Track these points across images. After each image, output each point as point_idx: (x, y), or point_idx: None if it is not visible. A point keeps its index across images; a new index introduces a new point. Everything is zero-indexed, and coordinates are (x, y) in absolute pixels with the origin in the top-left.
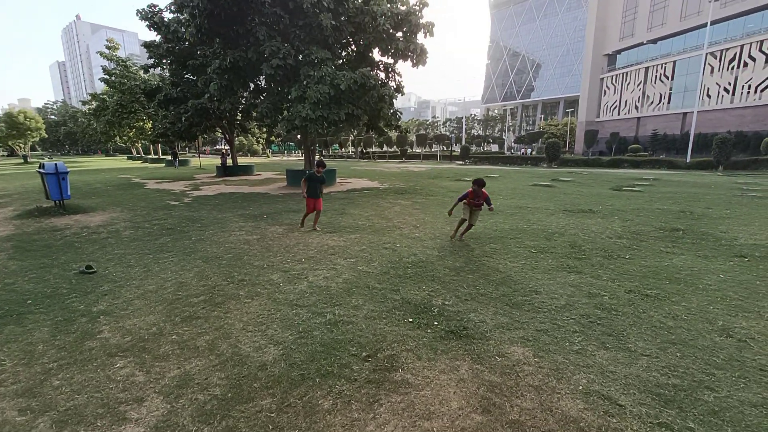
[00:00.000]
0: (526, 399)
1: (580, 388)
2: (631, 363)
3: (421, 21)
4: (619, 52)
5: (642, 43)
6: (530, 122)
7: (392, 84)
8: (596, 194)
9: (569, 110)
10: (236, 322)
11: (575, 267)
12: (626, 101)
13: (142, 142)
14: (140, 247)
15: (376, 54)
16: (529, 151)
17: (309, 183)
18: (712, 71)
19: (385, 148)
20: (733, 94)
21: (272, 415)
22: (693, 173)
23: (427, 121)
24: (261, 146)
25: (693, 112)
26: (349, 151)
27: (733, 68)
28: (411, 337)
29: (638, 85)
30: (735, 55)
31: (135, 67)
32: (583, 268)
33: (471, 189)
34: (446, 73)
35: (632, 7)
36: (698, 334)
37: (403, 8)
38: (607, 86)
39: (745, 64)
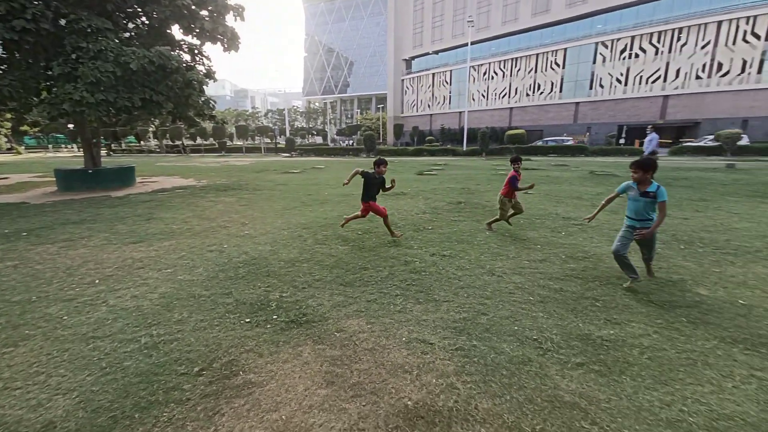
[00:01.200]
0: (363, 362)
1: (404, 339)
2: (436, 310)
3: (229, 2)
4: (413, 58)
5: (429, 53)
6: (349, 116)
7: (201, 68)
8: (405, 179)
9: (380, 106)
10: None
11: (393, 241)
12: (422, 100)
13: None
14: None
15: (176, 32)
16: (351, 142)
17: (365, 184)
18: (474, 80)
19: (199, 141)
20: (488, 99)
21: None
22: (468, 159)
23: (247, 111)
24: (6, 139)
25: (465, 111)
26: (151, 145)
27: (486, 79)
28: (250, 337)
29: (429, 87)
30: (486, 70)
31: None
32: (399, 241)
33: (514, 171)
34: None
35: (420, 22)
36: (476, 277)
37: None
38: (407, 87)
39: (492, 77)
